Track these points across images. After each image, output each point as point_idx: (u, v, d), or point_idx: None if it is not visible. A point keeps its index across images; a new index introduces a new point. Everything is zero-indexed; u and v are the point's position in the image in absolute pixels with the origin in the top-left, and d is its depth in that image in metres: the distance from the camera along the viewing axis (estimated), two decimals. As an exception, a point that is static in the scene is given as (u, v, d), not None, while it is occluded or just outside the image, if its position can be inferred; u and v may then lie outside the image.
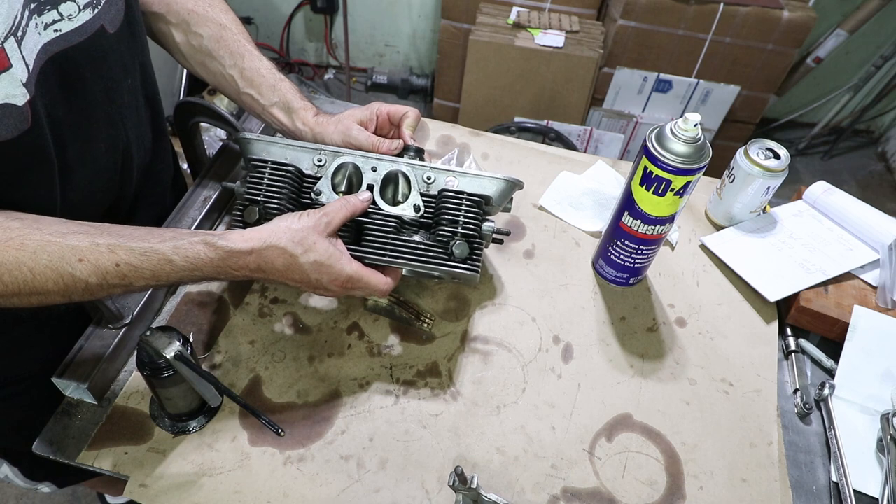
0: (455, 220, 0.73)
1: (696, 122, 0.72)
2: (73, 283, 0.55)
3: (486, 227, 0.75)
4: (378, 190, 0.74)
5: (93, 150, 0.68)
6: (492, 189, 0.75)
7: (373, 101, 0.83)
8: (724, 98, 2.32)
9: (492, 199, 0.76)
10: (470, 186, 0.75)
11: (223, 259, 0.61)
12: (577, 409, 0.77)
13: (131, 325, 0.73)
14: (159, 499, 0.65)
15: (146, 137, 0.81)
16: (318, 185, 0.75)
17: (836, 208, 0.99)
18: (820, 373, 0.85)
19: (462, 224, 0.73)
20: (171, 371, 0.63)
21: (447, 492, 0.68)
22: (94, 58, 0.64)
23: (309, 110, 0.80)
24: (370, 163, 0.75)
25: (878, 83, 2.76)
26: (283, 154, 0.76)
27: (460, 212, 0.73)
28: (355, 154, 0.75)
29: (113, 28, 0.66)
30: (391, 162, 0.75)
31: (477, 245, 0.74)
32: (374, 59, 3.02)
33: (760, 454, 0.75)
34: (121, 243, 0.57)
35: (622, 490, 0.70)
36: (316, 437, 0.71)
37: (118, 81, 0.69)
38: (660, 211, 0.78)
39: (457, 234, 0.73)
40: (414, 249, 0.73)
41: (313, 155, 0.75)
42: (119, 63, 0.69)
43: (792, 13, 2.09)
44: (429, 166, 0.76)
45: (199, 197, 0.89)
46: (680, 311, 0.89)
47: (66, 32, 0.59)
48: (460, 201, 0.74)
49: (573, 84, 2.22)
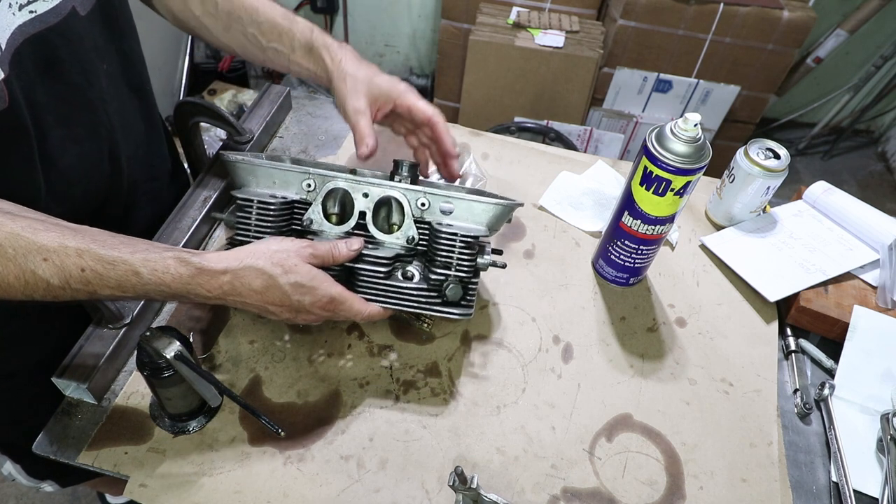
0: (448, 262, 0.70)
1: (696, 122, 0.72)
2: (34, 281, 0.54)
3: (481, 262, 0.71)
4: (370, 216, 0.71)
5: (73, 134, 0.68)
6: (487, 216, 0.71)
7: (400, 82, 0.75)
8: (724, 98, 2.32)
9: (489, 227, 0.72)
10: (465, 215, 0.71)
11: (192, 276, 0.58)
12: (577, 409, 0.77)
13: (131, 325, 0.73)
14: (159, 499, 0.65)
15: (136, 127, 0.80)
16: (309, 212, 0.71)
17: (836, 208, 0.99)
18: (820, 373, 0.85)
19: (456, 266, 0.70)
20: (171, 371, 0.63)
21: (447, 492, 0.68)
22: (69, 39, 0.64)
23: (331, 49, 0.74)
24: (361, 188, 0.70)
25: (878, 83, 2.76)
26: (269, 177, 0.72)
27: (454, 254, 0.70)
28: (346, 179, 0.70)
29: (84, 10, 0.66)
30: (383, 187, 0.70)
31: (472, 285, 0.72)
32: (374, 59, 3.01)
33: (760, 454, 0.75)
34: (90, 248, 0.55)
35: (622, 490, 0.70)
36: (316, 437, 0.71)
37: (94, 65, 0.69)
38: (660, 211, 0.78)
39: (450, 276, 0.70)
40: (405, 294, 0.70)
41: (301, 179, 0.71)
42: (93, 46, 0.69)
43: (792, 13, 2.09)
44: (422, 191, 0.70)
45: (199, 197, 0.89)
46: (680, 311, 0.89)
47: (42, 13, 0.60)
48: (454, 243, 0.69)
49: (573, 84, 2.22)
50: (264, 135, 1.03)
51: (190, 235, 0.84)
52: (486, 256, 0.72)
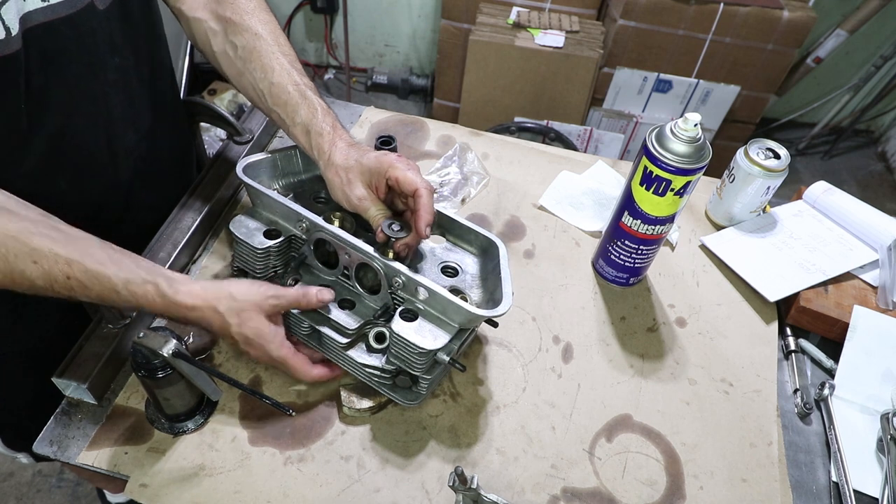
0: (403, 360, 0.68)
1: (696, 122, 0.72)
2: (20, 279, 0.57)
3: (440, 357, 0.68)
4: (353, 273, 0.73)
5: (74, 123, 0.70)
6: (460, 318, 0.68)
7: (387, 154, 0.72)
8: (724, 98, 2.32)
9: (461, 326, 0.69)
10: (439, 307, 0.68)
11: (166, 307, 0.63)
12: (577, 408, 0.77)
13: (131, 325, 0.73)
14: (159, 498, 0.65)
15: (141, 120, 0.81)
16: (303, 250, 0.75)
17: (836, 208, 0.99)
18: (820, 373, 0.85)
19: (408, 365, 0.68)
20: (166, 370, 0.63)
21: (447, 492, 0.68)
22: (80, 32, 0.65)
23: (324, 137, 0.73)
24: (344, 248, 0.71)
25: (878, 83, 2.76)
26: (272, 207, 0.76)
27: (408, 358, 0.68)
28: (332, 234, 0.71)
29: (102, 5, 0.67)
30: (365, 255, 0.70)
31: (423, 380, 0.70)
32: (374, 59, 3.02)
33: (760, 454, 0.75)
34: (79, 260, 0.58)
35: (622, 490, 0.70)
36: (316, 437, 0.71)
37: (104, 58, 0.70)
38: (660, 211, 0.78)
39: (402, 371, 0.70)
40: (359, 369, 0.72)
41: (297, 220, 0.74)
42: (107, 40, 0.70)
43: (792, 13, 2.09)
44: (399, 271, 0.69)
45: (199, 197, 0.89)
46: (680, 311, 0.89)
47: (54, 3, 0.61)
48: (408, 348, 0.67)
49: (573, 84, 2.22)
50: (264, 135, 1.03)
51: (190, 235, 0.84)
52: (447, 355, 0.68)
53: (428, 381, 0.71)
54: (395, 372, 0.71)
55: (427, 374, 0.69)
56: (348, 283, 0.74)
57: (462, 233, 0.79)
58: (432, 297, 0.68)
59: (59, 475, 1.63)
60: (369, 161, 0.71)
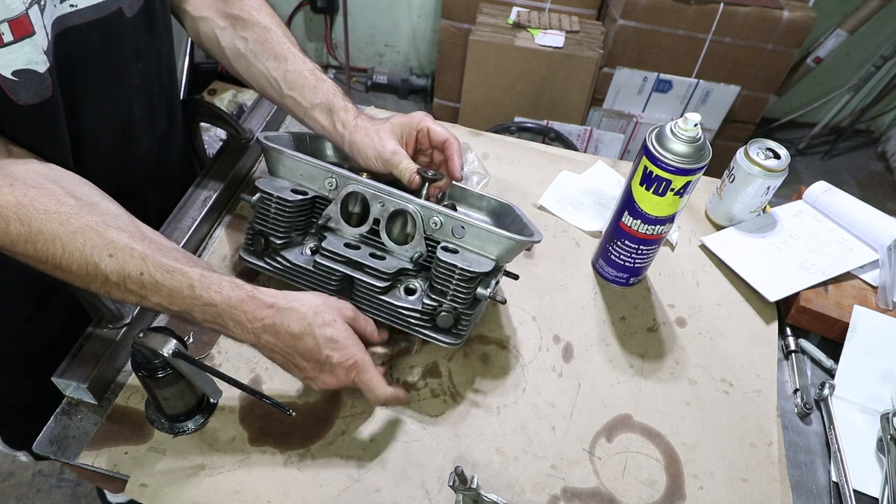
0: (444, 291, 0.70)
1: (696, 122, 0.72)
2: (95, 272, 0.57)
3: (480, 293, 0.71)
4: (384, 224, 0.72)
5: (96, 128, 0.70)
6: (498, 249, 0.71)
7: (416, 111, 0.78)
8: (724, 98, 2.32)
9: (498, 258, 0.71)
10: (476, 243, 0.71)
11: (242, 301, 0.60)
12: (577, 408, 0.77)
13: (131, 325, 0.73)
14: (159, 498, 0.65)
15: (158, 124, 0.81)
16: (328, 209, 0.74)
17: (836, 208, 0.99)
18: (820, 373, 0.85)
19: (451, 297, 0.70)
20: (167, 370, 0.63)
21: (447, 492, 0.68)
22: (107, 37, 0.66)
23: (349, 111, 0.77)
24: (378, 197, 0.72)
25: (878, 83, 2.76)
26: (296, 169, 0.75)
27: (450, 285, 0.70)
28: (365, 184, 0.73)
29: (131, 12, 0.68)
30: (400, 200, 0.72)
31: (465, 316, 0.72)
32: (374, 59, 3.02)
33: (760, 454, 0.75)
34: (153, 255, 0.58)
35: (622, 490, 0.70)
36: (316, 437, 0.71)
37: (128, 64, 0.71)
38: (660, 211, 0.78)
39: (443, 304, 0.71)
40: (398, 312, 0.72)
41: (325, 177, 0.74)
42: (132, 46, 0.70)
43: (792, 13, 2.10)
44: (437, 210, 0.71)
45: (199, 197, 0.89)
46: (680, 311, 0.89)
47: (82, 8, 0.62)
48: (451, 275, 0.69)
49: (573, 84, 2.22)
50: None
51: (190, 235, 0.84)
52: (487, 289, 0.71)
53: (469, 318, 0.72)
54: (435, 312, 0.71)
55: (469, 309, 0.71)
56: (376, 240, 0.74)
57: (473, 200, 0.86)
58: (469, 232, 0.71)
59: (59, 475, 1.63)
60: (399, 118, 0.77)
